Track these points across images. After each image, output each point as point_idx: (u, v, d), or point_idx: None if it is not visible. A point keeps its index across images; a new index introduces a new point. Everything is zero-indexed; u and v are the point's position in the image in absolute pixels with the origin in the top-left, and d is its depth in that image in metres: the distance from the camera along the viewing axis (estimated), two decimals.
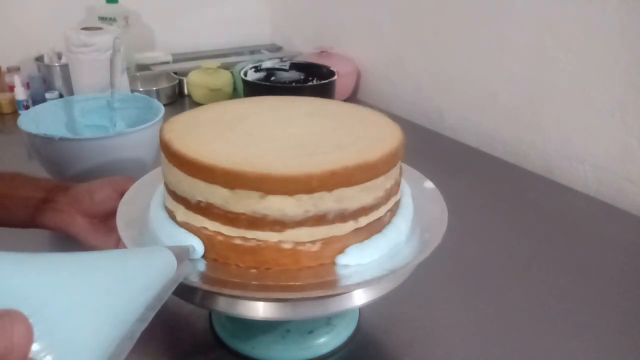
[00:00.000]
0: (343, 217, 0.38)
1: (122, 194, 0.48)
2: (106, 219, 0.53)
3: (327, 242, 0.39)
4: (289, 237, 0.37)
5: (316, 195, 0.36)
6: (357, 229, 0.40)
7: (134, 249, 0.38)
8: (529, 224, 0.72)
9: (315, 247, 0.38)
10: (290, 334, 0.48)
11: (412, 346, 0.51)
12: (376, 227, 0.41)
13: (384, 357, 0.50)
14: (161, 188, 0.46)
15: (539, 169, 0.89)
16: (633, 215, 0.75)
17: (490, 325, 0.54)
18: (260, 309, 0.40)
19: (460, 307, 0.56)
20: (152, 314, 0.28)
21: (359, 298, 0.40)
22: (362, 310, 0.53)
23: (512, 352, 0.50)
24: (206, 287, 0.37)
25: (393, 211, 0.44)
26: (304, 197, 0.36)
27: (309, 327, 0.48)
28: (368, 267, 0.39)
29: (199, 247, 0.39)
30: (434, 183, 0.51)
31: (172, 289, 0.32)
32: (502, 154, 0.93)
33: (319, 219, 0.37)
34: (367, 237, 0.40)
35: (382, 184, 0.40)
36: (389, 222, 0.43)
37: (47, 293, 0.22)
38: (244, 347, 0.48)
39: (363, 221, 0.40)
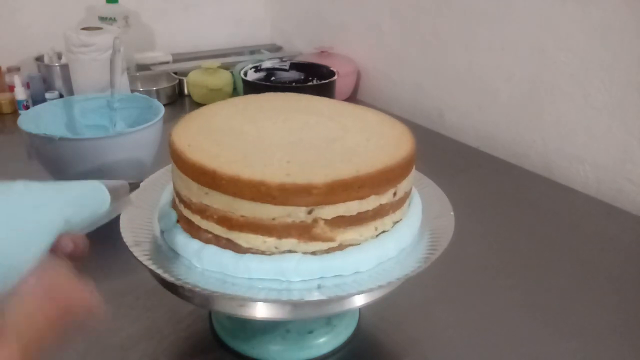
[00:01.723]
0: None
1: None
2: None
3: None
4: None
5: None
6: None
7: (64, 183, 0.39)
8: (529, 224, 0.72)
9: None
10: (290, 334, 0.48)
11: (411, 346, 0.51)
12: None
13: (384, 357, 0.50)
14: (168, 190, 0.46)
15: (539, 169, 0.88)
16: (633, 215, 0.75)
17: (490, 325, 0.54)
18: (260, 309, 0.40)
19: (460, 307, 0.56)
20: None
21: (359, 299, 0.40)
22: (362, 310, 0.53)
23: (512, 352, 0.50)
24: (205, 289, 0.37)
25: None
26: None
27: (309, 327, 0.48)
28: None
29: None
30: (434, 183, 0.51)
31: (106, 220, 0.34)
32: (502, 154, 0.93)
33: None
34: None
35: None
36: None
37: None
38: (244, 347, 0.48)
39: None
